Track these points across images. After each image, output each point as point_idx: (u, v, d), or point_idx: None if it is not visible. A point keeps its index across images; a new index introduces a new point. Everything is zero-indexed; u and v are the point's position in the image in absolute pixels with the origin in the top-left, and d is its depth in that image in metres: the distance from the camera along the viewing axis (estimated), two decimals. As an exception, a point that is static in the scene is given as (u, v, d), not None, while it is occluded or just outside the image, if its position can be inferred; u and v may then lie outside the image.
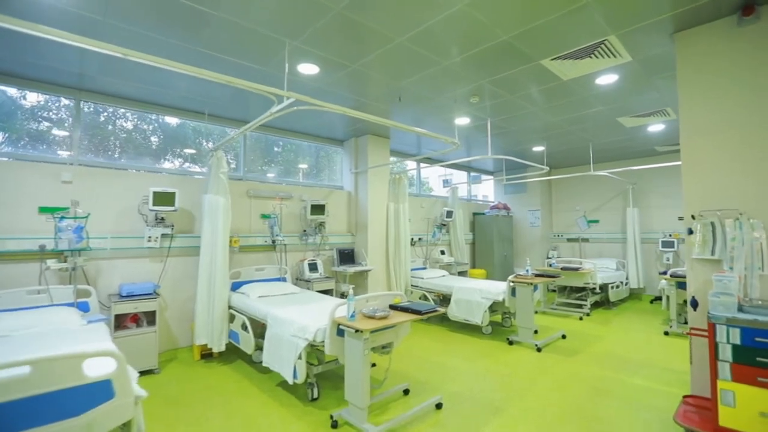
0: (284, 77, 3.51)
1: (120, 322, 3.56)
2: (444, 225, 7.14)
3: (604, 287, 6.33)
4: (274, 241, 4.87)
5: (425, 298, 5.53)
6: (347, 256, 5.51)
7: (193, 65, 3.03)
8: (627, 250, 7.22)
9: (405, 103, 4.34)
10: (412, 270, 6.14)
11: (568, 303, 6.44)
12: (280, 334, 3.13)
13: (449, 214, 6.97)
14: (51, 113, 3.89)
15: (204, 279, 3.89)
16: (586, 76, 3.66)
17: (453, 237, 7.26)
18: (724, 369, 2.18)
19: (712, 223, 2.61)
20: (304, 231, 5.30)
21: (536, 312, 6.11)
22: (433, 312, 2.89)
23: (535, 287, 4.58)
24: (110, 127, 4.19)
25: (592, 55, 3.24)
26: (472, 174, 8.61)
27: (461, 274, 7.03)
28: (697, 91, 2.76)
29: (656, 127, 5.33)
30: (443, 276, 6.08)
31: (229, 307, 4.03)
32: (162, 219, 4.03)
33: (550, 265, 6.44)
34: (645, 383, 3.37)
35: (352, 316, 2.63)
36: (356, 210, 5.86)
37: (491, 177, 8.86)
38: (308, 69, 3.46)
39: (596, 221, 8.03)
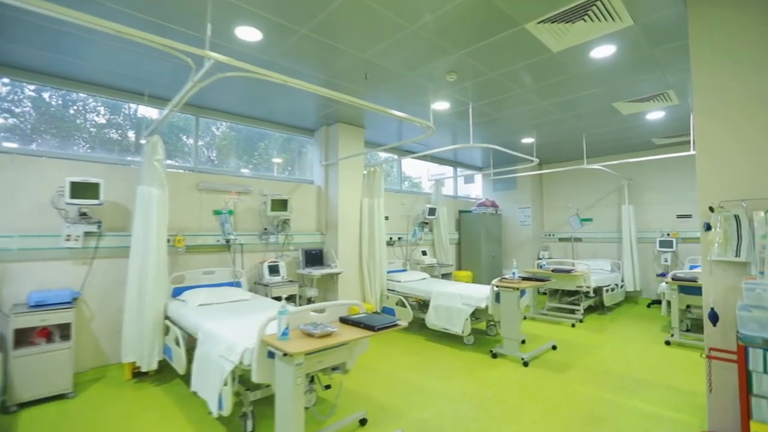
0: (215, 42, 2.94)
1: (24, 338, 2.96)
2: (426, 223, 6.60)
3: (598, 290, 5.84)
4: (228, 241, 4.29)
5: (402, 303, 4.98)
6: (315, 258, 4.94)
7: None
8: (622, 250, 6.73)
9: (374, 82, 3.79)
10: (389, 272, 5.59)
11: (559, 308, 5.93)
12: (208, 354, 2.56)
13: (432, 211, 6.43)
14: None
15: (133, 284, 3.30)
16: (580, 48, 3.13)
17: (436, 236, 6.72)
18: (761, 408, 1.66)
19: (736, 217, 2.09)
20: (265, 229, 4.73)
21: (525, 318, 5.61)
22: (391, 326, 2.33)
23: (522, 292, 4.05)
24: (22, 108, 3.58)
25: (587, 17, 2.71)
26: (465, 173, 8.08)
27: (445, 276, 6.49)
28: (716, 55, 2.24)
29: (655, 114, 4.83)
30: (423, 279, 5.54)
31: (166, 317, 3.44)
32: (84, 214, 3.43)
33: (541, 267, 5.93)
34: (649, 407, 2.85)
35: (284, 333, 2.07)
36: (326, 206, 5.30)
37: (479, 172, 8.34)
38: (248, 34, 2.88)
39: (589, 220, 7.54)
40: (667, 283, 4.50)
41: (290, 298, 4.44)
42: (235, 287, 4.02)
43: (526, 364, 3.71)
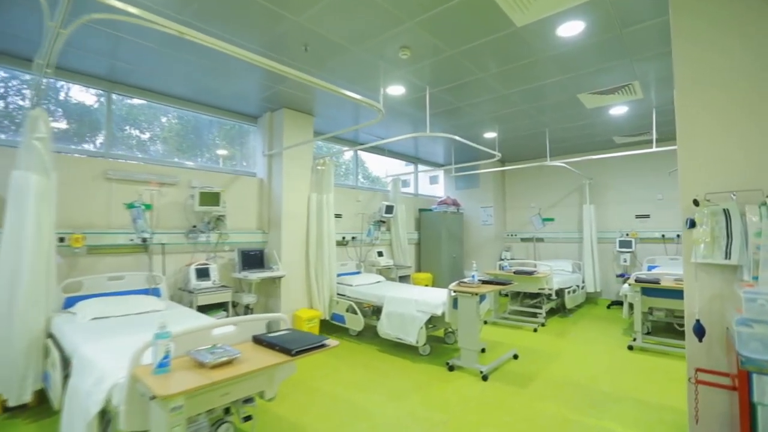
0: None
1: None
2: (383, 222, 6.15)
3: (560, 292, 5.61)
4: (144, 240, 3.62)
5: (352, 310, 4.49)
6: (254, 259, 4.35)
7: None
8: (583, 250, 6.59)
9: (317, 57, 3.28)
10: (340, 275, 5.08)
11: (521, 311, 5.65)
12: (77, 388, 1.95)
13: (389, 209, 5.98)
14: None
15: (0, 294, 2.60)
16: (546, 23, 2.78)
17: (394, 236, 6.28)
18: (771, 451, 1.30)
19: (726, 211, 1.76)
20: (194, 227, 4.09)
21: (485, 322, 5.27)
22: (314, 348, 1.83)
23: (482, 297, 3.67)
24: None
25: (555, -19, 2.34)
26: (426, 170, 7.71)
27: (403, 279, 6.07)
28: (699, 23, 1.92)
29: (619, 109, 4.63)
30: (377, 282, 5.07)
31: (49, 335, 2.76)
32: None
33: (503, 268, 5.63)
34: (619, 429, 2.52)
35: (162, 365, 1.52)
36: (269, 201, 4.71)
37: (440, 169, 8.01)
38: (147, -21, 2.30)
39: (551, 219, 7.38)
40: (630, 284, 4.29)
41: (222, 306, 3.84)
42: (149, 295, 3.38)
43: (485, 377, 3.33)
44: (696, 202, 1.85)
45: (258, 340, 1.93)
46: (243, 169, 4.88)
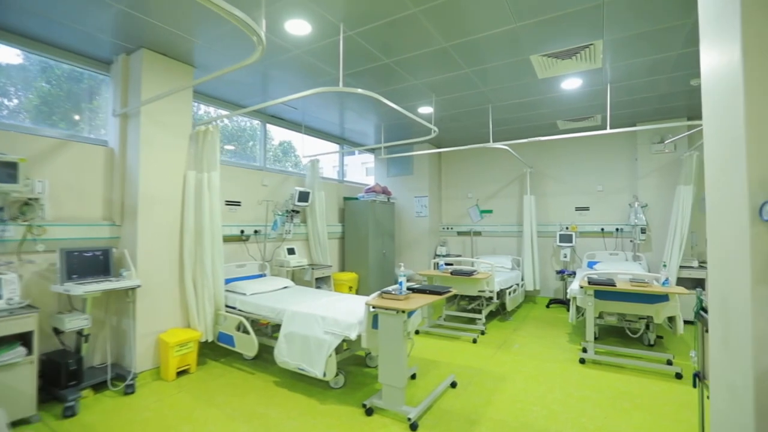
0: None
1: None
2: (297, 212, 5.00)
3: (501, 293, 4.92)
4: None
5: (244, 328, 3.34)
6: (92, 264, 2.99)
7: None
8: (523, 245, 6.03)
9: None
10: (231, 281, 3.88)
11: (458, 316, 4.89)
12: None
13: (303, 196, 4.85)
14: None
15: None
16: None
17: (311, 229, 5.18)
18: None
19: None
20: (-21, 215, 2.64)
21: (417, 333, 4.41)
22: None
23: (410, 314, 2.73)
24: None
25: None
26: (356, 153, 6.64)
27: (322, 281, 5.00)
28: None
29: (572, 82, 3.96)
30: (284, 289, 3.96)
31: None
32: None
33: (438, 268, 4.80)
34: None
35: None
36: (122, 181, 3.35)
37: (363, 148, 7.02)
38: None
39: (490, 211, 6.76)
40: (584, 287, 3.64)
41: (23, 337, 2.48)
42: None
43: (414, 426, 2.40)
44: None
45: None
46: (85, 135, 3.44)
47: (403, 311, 2.46)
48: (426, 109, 4.79)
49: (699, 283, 4.84)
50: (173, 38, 3.08)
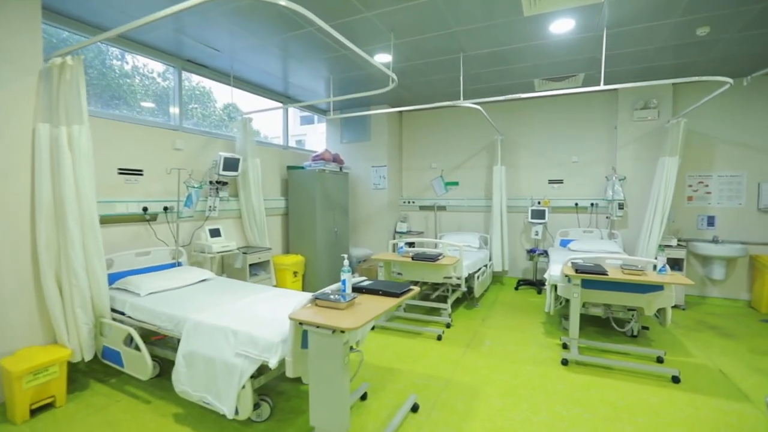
0: None
1: None
2: (224, 183, 4.02)
3: (469, 278, 4.30)
4: None
5: (134, 343, 2.45)
6: None
7: None
8: (492, 221, 5.42)
9: None
10: (119, 276, 2.93)
11: (419, 306, 4.23)
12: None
13: (231, 164, 3.87)
14: None
15: None
16: None
17: (245, 205, 4.23)
18: None
19: None
20: None
21: (373, 328, 3.70)
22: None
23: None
24: None
25: None
26: (302, 114, 5.61)
27: (258, 267, 4.12)
28: None
29: (563, 24, 3.20)
30: (199, 283, 3.05)
31: None
32: None
33: (398, 251, 4.06)
34: None
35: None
36: (-71, 136, 2.25)
37: (313, 102, 6.05)
38: None
39: (455, 183, 6.07)
40: (569, 275, 3.03)
41: None
42: None
43: (358, 491, 1.68)
44: None
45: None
46: None
47: (342, 331, 1.68)
48: (383, 57, 3.89)
49: (677, 264, 4.46)
50: None
